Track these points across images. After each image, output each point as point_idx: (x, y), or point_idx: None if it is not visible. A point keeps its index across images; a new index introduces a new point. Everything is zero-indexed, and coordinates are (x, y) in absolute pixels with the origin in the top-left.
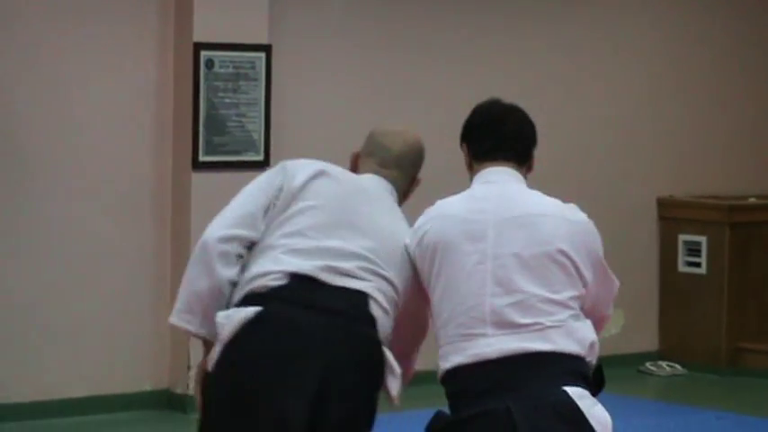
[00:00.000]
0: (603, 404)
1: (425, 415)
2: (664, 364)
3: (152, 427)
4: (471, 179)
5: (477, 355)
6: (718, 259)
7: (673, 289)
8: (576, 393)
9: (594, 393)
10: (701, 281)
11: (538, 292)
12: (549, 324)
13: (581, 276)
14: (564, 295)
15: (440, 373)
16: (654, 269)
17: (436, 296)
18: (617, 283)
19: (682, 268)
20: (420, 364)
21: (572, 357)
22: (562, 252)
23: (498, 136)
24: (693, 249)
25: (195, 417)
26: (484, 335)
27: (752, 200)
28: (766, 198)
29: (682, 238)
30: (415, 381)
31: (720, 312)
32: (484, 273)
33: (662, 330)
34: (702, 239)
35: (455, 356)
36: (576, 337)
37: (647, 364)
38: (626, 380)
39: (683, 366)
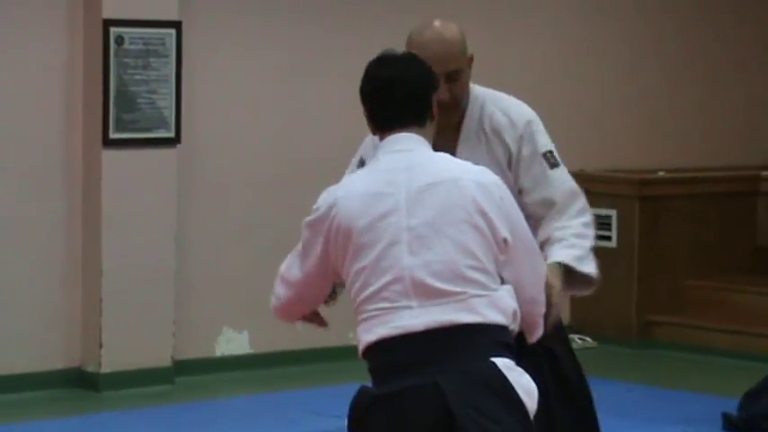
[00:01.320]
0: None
1: (346, 390)
2: (575, 337)
3: (63, 405)
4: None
5: (403, 328)
6: (629, 233)
7: None
8: (504, 365)
9: (518, 361)
10: (611, 254)
11: (458, 260)
12: (472, 293)
13: (497, 240)
14: (483, 261)
15: (361, 347)
16: None
17: (353, 274)
18: (544, 265)
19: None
20: (336, 340)
21: (497, 327)
22: (477, 215)
23: (391, 105)
24: (603, 223)
25: (107, 394)
26: (409, 307)
27: (661, 173)
28: (676, 172)
29: (592, 211)
30: (332, 356)
31: (630, 286)
32: (401, 245)
33: (573, 304)
34: (612, 213)
35: (379, 329)
36: (499, 306)
37: None
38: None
39: (594, 339)
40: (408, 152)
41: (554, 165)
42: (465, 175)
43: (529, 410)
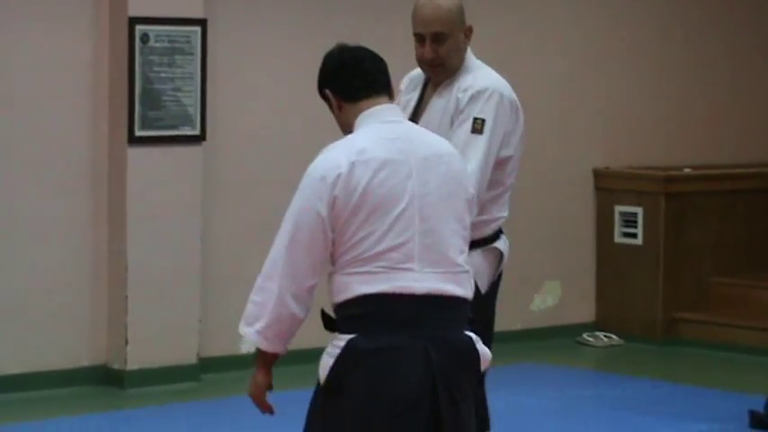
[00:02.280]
0: (542, 375)
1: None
2: (601, 334)
3: (89, 402)
4: (344, 119)
5: (404, 288)
6: (654, 230)
7: (609, 260)
8: (475, 339)
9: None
10: (637, 251)
11: (458, 231)
12: (463, 269)
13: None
14: (470, 234)
15: (349, 296)
16: (590, 240)
17: (361, 232)
18: None
19: (618, 239)
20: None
21: (467, 303)
22: (468, 191)
23: (364, 74)
24: (629, 220)
25: (132, 391)
26: (411, 270)
27: (687, 170)
28: (701, 168)
29: (618, 209)
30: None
31: (656, 283)
32: (412, 211)
33: (599, 301)
34: (638, 210)
35: (379, 284)
36: (471, 284)
37: (585, 335)
38: (563, 350)
39: (619, 337)
40: (400, 123)
41: (476, 131)
42: (453, 150)
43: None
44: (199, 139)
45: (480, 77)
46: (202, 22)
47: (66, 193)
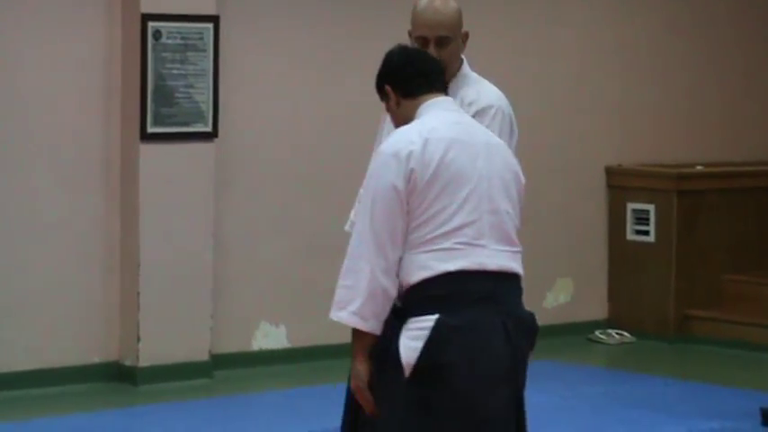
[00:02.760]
0: (554, 372)
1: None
2: (613, 332)
3: (101, 399)
4: (402, 114)
5: (481, 264)
6: (667, 227)
7: (621, 257)
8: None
9: None
10: (649, 249)
11: (512, 216)
12: (519, 248)
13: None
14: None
15: (426, 274)
16: (603, 238)
17: (433, 208)
18: None
19: (630, 236)
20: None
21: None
22: (521, 184)
23: (426, 73)
24: (642, 218)
25: (144, 388)
26: (484, 246)
27: (699, 168)
28: (713, 166)
29: (630, 206)
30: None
31: (668, 280)
32: (481, 190)
33: (611, 299)
34: (650, 207)
35: (459, 261)
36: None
37: (597, 333)
38: (576, 348)
39: (631, 334)
40: (459, 113)
41: None
42: (504, 144)
43: None
44: (211, 135)
45: (484, 93)
46: (215, 19)
47: (79, 189)
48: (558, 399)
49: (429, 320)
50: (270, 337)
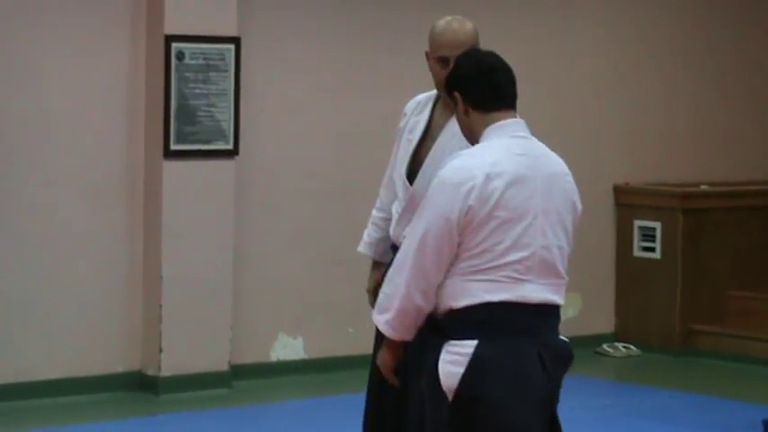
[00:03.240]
0: (563, 384)
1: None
2: (620, 345)
3: (124, 408)
4: (468, 124)
5: (523, 297)
6: (672, 244)
7: (628, 273)
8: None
9: None
10: (655, 265)
11: (566, 249)
12: (565, 280)
13: None
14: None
15: (469, 301)
16: (610, 254)
17: (488, 243)
18: None
19: (637, 253)
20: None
21: (560, 309)
22: (575, 211)
23: (497, 86)
24: (648, 235)
25: (166, 397)
26: (530, 281)
27: (704, 187)
28: (717, 185)
29: (637, 223)
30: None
31: (674, 296)
32: (536, 226)
33: (618, 313)
34: (657, 225)
35: (503, 293)
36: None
37: (604, 346)
38: (583, 361)
39: (638, 348)
40: (527, 139)
41: None
42: (567, 170)
43: None
44: (232, 153)
45: None
46: (236, 40)
47: (104, 205)
48: (567, 410)
49: (468, 346)
50: (288, 349)
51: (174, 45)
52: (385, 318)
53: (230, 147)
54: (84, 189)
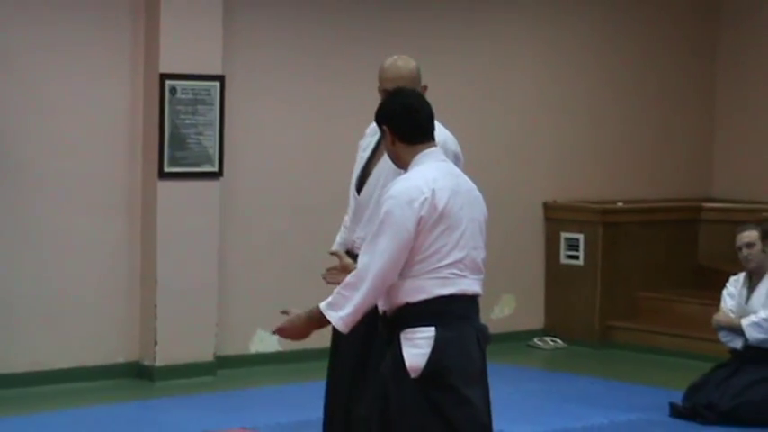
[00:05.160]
0: (500, 373)
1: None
2: (548, 339)
3: (124, 393)
4: (396, 152)
5: (464, 290)
6: (593, 253)
7: (556, 277)
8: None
9: None
10: (578, 270)
11: (484, 250)
12: (483, 276)
13: None
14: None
15: (424, 296)
16: (540, 261)
17: (437, 245)
18: None
19: (563, 260)
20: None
21: None
22: (486, 219)
23: (419, 123)
24: (572, 245)
25: (160, 384)
26: (466, 277)
27: (619, 204)
28: (631, 203)
29: (563, 235)
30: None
31: (594, 296)
32: (468, 232)
33: (547, 311)
34: (580, 236)
35: (450, 287)
36: None
37: (535, 340)
38: (517, 353)
39: (564, 341)
40: (447, 162)
41: None
42: (475, 187)
43: None
44: (217, 175)
45: (440, 133)
46: (221, 78)
47: (107, 218)
48: (504, 395)
49: (428, 332)
50: (265, 342)
51: (168, 82)
52: (340, 314)
53: (215, 169)
54: (90, 204)
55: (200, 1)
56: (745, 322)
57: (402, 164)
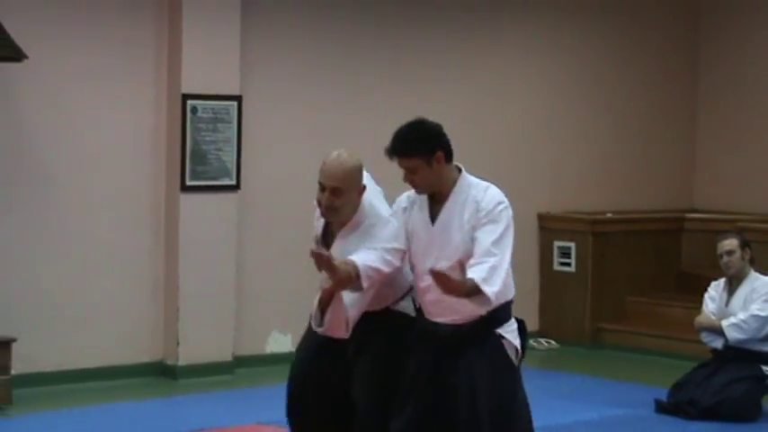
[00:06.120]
0: None
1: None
2: (543, 340)
3: (148, 390)
4: (440, 173)
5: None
6: (584, 260)
7: (549, 283)
8: None
9: None
10: (570, 277)
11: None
12: None
13: None
14: None
15: (511, 296)
16: (535, 268)
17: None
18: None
19: (556, 267)
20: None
21: None
22: None
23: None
24: (565, 253)
25: (182, 382)
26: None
27: (609, 215)
28: (620, 213)
29: (556, 243)
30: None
31: (585, 301)
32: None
33: (541, 315)
34: (572, 245)
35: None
36: None
37: (530, 341)
38: None
39: (557, 342)
40: None
41: None
42: None
43: None
44: (235, 187)
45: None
46: (238, 98)
47: (133, 228)
48: None
49: (514, 324)
50: (279, 343)
51: (189, 102)
52: (493, 289)
53: (234, 183)
54: (118, 216)
55: (219, 27)
56: (725, 324)
57: (443, 183)
